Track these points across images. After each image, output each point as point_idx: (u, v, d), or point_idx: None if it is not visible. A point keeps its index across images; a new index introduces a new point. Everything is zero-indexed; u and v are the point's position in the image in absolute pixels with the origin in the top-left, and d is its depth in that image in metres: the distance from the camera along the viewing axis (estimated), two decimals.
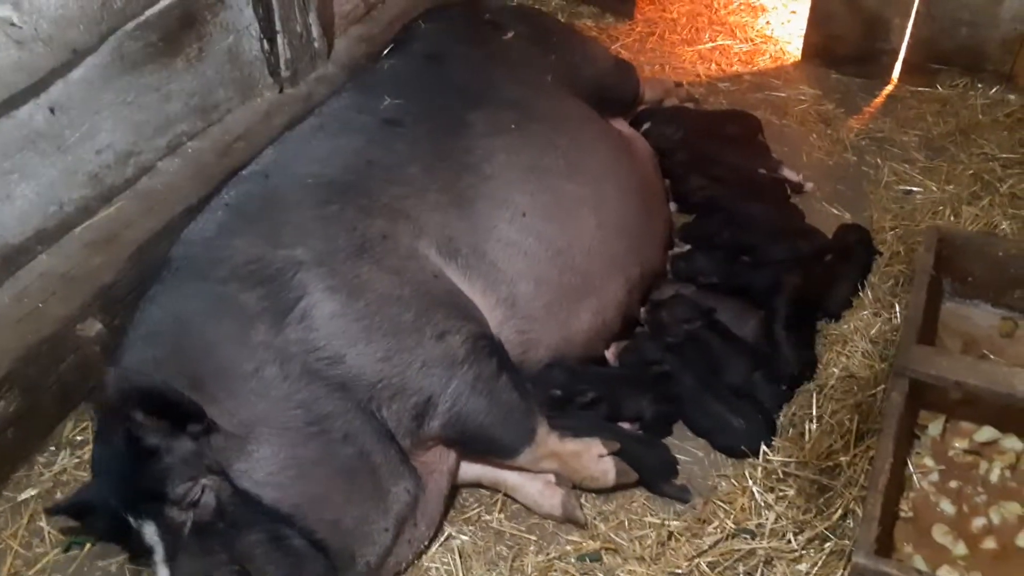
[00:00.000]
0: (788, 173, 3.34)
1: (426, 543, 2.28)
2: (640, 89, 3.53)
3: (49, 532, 2.32)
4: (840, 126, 3.63)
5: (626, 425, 2.54)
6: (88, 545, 2.30)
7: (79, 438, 2.52)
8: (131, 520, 1.92)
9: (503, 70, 2.99)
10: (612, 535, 2.31)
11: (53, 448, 2.49)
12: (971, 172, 3.32)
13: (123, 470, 1.92)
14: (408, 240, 2.39)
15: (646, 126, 3.43)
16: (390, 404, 2.19)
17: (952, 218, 3.13)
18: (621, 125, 3.34)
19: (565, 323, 2.58)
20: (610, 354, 2.74)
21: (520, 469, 2.39)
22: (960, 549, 2.22)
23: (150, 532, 1.91)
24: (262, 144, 2.75)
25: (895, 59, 3.81)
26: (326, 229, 2.32)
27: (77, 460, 2.47)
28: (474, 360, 2.29)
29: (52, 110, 2.44)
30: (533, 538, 2.33)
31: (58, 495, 2.39)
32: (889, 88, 3.81)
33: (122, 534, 2.03)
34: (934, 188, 3.27)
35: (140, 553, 1.98)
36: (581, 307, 2.62)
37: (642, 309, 2.79)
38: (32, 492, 2.39)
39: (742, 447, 2.48)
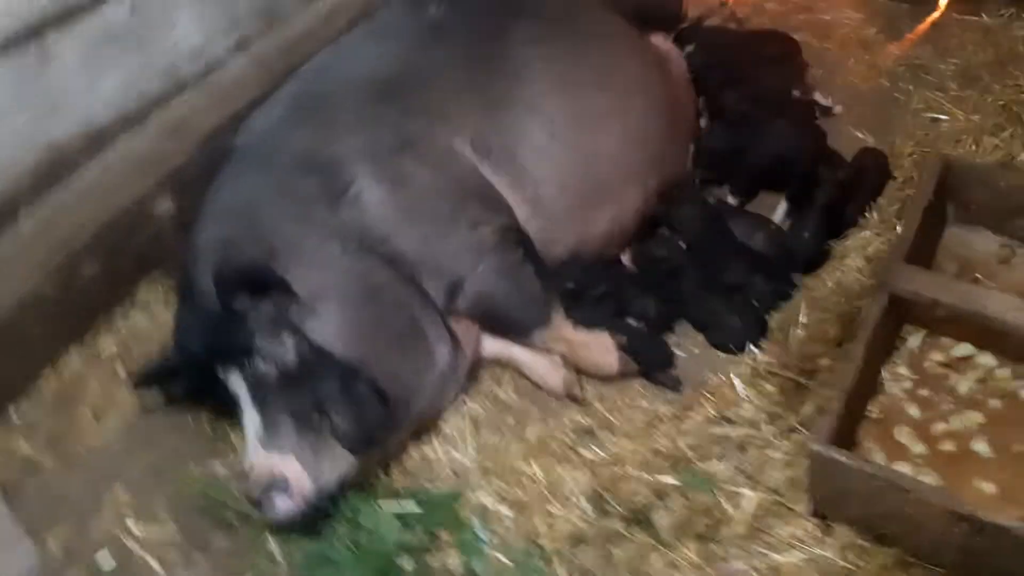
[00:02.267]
0: (819, 97, 3.48)
1: (447, 405, 2.60)
2: (682, 6, 3.66)
3: (124, 377, 2.70)
4: (879, 52, 3.73)
5: (631, 322, 2.80)
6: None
7: (152, 299, 2.88)
8: (220, 371, 2.28)
9: None
10: (607, 414, 2.58)
11: (130, 306, 2.86)
12: (1001, 103, 3.39)
13: (215, 329, 2.26)
14: (446, 138, 2.64)
15: (689, 48, 3.57)
16: (429, 280, 2.51)
17: (973, 147, 3.22)
18: (661, 41, 3.48)
19: (584, 226, 2.82)
20: (626, 259, 2.99)
21: (533, 348, 2.67)
22: (919, 448, 2.42)
23: (236, 381, 2.27)
24: (322, 45, 2.99)
25: None
26: (372, 126, 2.59)
27: (149, 318, 2.83)
28: (502, 249, 2.58)
29: (132, 8, 2.73)
30: (536, 411, 2.63)
31: (133, 346, 2.76)
32: (935, 15, 3.86)
33: (203, 391, 2.42)
34: (960, 117, 3.36)
35: (224, 401, 2.35)
36: (600, 212, 2.85)
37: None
38: (112, 342, 2.77)
39: (732, 344, 2.72)
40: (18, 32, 2.47)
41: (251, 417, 2.25)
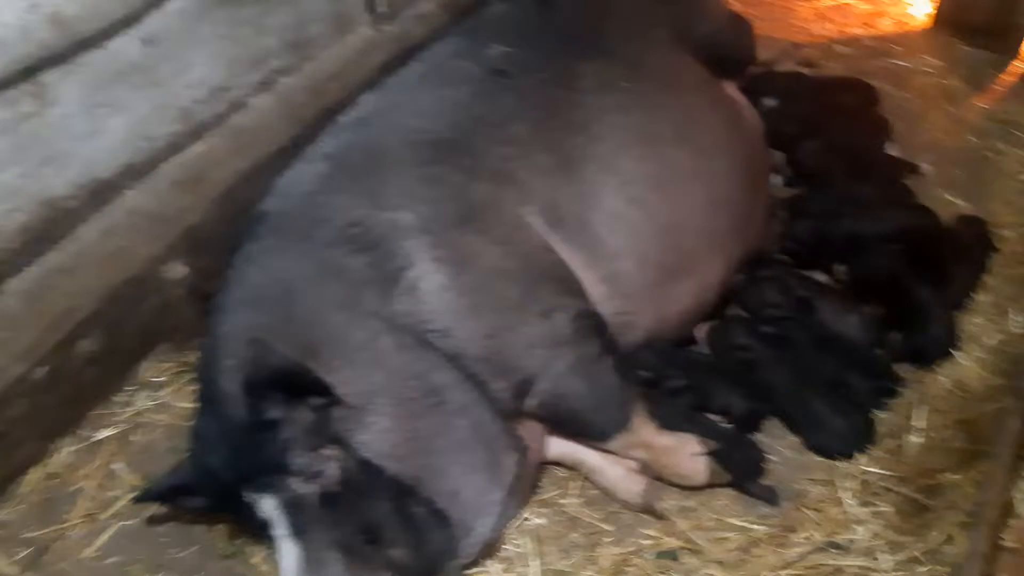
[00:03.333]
0: (894, 150, 3.14)
1: (510, 521, 2.22)
2: (755, 50, 3.32)
3: (124, 475, 2.31)
4: (964, 104, 3.40)
5: (714, 418, 2.44)
6: None
7: (157, 379, 2.50)
8: (246, 494, 1.86)
9: (616, 20, 2.80)
10: (692, 535, 2.21)
11: (131, 388, 2.47)
12: None
13: (240, 443, 1.87)
14: (513, 207, 2.27)
15: (772, 103, 3.23)
16: (494, 380, 2.13)
17: None
18: (731, 89, 3.14)
19: (664, 304, 2.46)
20: (699, 334, 2.63)
21: (606, 452, 2.31)
22: None
23: (268, 506, 1.85)
24: (355, 84, 2.68)
25: None
26: (431, 192, 2.21)
27: (154, 402, 2.45)
28: (578, 341, 2.21)
29: (146, 42, 2.35)
30: (610, 529, 2.25)
31: (134, 436, 2.38)
32: (1022, 67, 3.54)
33: (223, 512, 2.05)
34: None
35: (251, 528, 1.95)
36: (682, 287, 2.49)
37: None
38: (109, 432, 2.39)
39: (837, 450, 2.36)
40: (11, 71, 2.09)
41: (288, 550, 1.84)
